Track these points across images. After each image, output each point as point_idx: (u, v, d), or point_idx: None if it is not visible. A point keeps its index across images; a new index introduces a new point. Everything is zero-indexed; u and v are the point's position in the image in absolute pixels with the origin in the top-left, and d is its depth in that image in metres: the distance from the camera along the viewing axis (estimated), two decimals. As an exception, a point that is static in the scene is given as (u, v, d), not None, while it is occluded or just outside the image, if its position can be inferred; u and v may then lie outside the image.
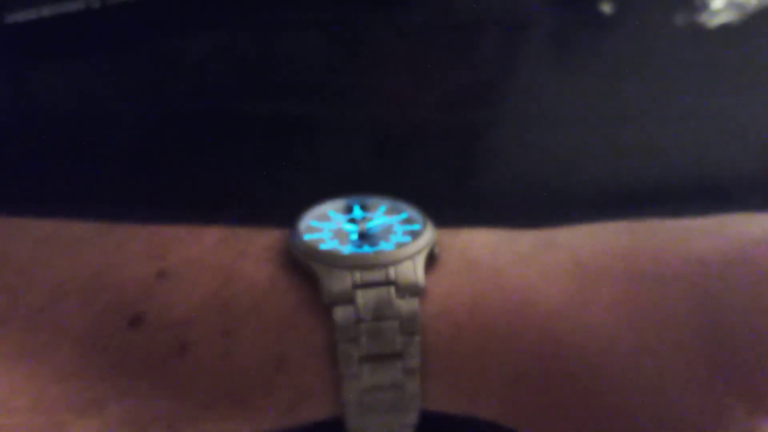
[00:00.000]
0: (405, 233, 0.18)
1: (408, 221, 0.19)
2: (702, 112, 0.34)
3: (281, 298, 0.17)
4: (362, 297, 0.16)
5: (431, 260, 0.18)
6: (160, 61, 0.33)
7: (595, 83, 0.34)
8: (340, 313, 0.16)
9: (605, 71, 0.34)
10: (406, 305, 0.16)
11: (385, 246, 0.18)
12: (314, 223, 0.18)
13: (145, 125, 0.32)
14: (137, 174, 0.31)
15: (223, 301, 0.17)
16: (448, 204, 0.24)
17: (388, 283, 0.17)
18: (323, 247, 0.18)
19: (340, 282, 0.17)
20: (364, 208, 0.19)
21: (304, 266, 0.17)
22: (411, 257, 0.17)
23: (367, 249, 0.18)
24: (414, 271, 0.17)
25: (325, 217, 0.19)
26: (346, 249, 0.18)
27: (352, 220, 0.19)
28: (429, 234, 0.18)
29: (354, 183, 0.24)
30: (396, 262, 0.17)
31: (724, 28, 0.35)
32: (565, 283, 0.18)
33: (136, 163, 0.31)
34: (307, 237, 0.18)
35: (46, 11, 0.33)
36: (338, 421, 0.17)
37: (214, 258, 0.18)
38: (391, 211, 0.19)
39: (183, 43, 0.33)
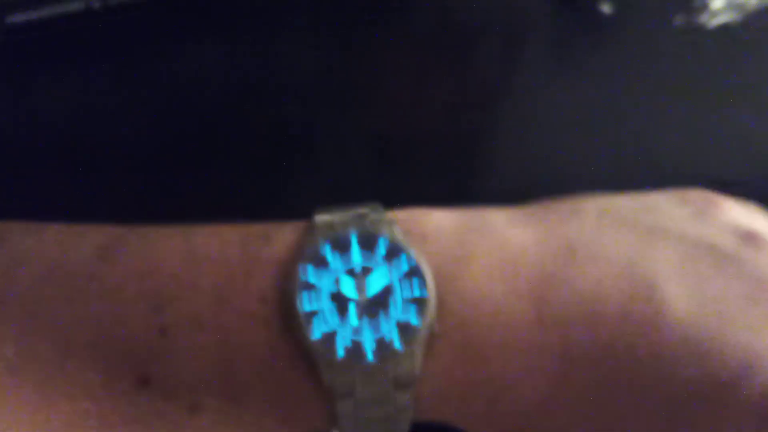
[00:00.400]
0: (407, 301, 0.18)
1: (410, 275, 0.18)
2: (701, 116, 0.34)
3: (282, 372, 0.18)
4: (361, 392, 0.17)
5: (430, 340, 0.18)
6: (160, 66, 0.33)
7: (594, 88, 0.34)
8: (340, 407, 0.17)
9: (604, 75, 0.34)
10: (401, 397, 0.18)
11: (384, 327, 0.18)
12: (312, 280, 0.18)
13: (143, 129, 0.32)
14: (135, 181, 0.31)
15: (227, 367, 0.17)
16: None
17: (387, 382, 0.17)
18: (323, 330, 0.17)
19: (341, 378, 0.17)
20: (363, 245, 0.18)
21: (304, 343, 0.17)
22: (411, 352, 0.17)
23: (368, 341, 0.17)
24: (412, 367, 0.17)
25: (323, 264, 0.18)
26: (346, 331, 0.17)
27: (351, 273, 0.18)
28: (431, 306, 0.17)
29: (354, 189, 0.24)
30: (398, 363, 0.17)
31: (724, 31, 0.35)
32: None
33: (132, 169, 0.31)
34: (306, 308, 0.17)
35: (46, 12, 0.33)
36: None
37: (212, 317, 0.18)
38: (391, 255, 0.18)
39: (183, 47, 0.33)
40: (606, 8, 0.36)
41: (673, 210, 0.20)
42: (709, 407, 0.17)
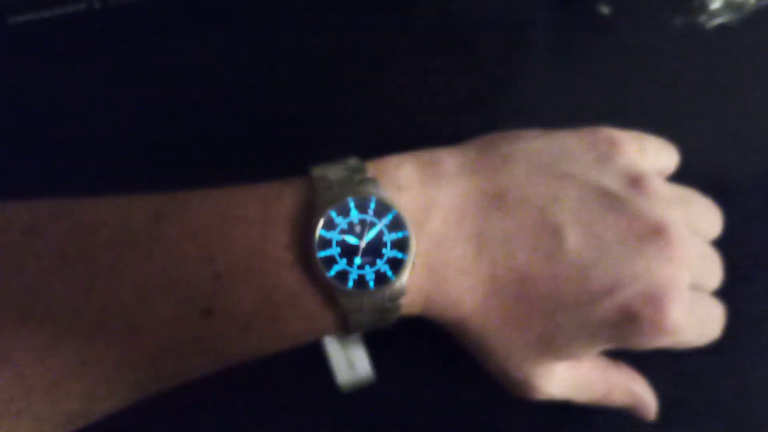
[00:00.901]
0: (394, 243, 0.24)
1: (394, 226, 0.24)
2: (699, 115, 0.34)
3: (308, 299, 0.24)
4: (366, 307, 0.24)
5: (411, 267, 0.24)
6: (161, 61, 0.33)
7: (594, 87, 0.34)
8: (352, 317, 0.24)
9: (603, 75, 0.34)
10: (392, 305, 0.24)
11: (380, 263, 0.24)
12: (323, 233, 0.24)
13: (145, 125, 0.32)
14: (134, 179, 0.31)
15: (267, 298, 0.23)
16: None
17: (384, 298, 0.24)
18: (337, 269, 0.24)
19: (352, 301, 0.24)
20: (358, 207, 0.24)
21: (323, 279, 0.23)
22: (400, 277, 0.24)
23: (368, 273, 0.24)
24: (401, 286, 0.24)
25: (331, 226, 0.24)
26: (353, 269, 0.24)
27: (352, 226, 0.24)
28: (412, 244, 0.24)
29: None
30: (390, 288, 0.24)
31: (722, 31, 0.35)
32: None
33: (132, 168, 0.31)
34: (322, 254, 0.23)
35: (48, 13, 0.33)
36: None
37: (252, 263, 0.23)
38: (379, 211, 0.24)
39: (184, 47, 0.33)
40: (605, 9, 0.36)
41: (582, 156, 0.26)
42: (583, 311, 0.25)
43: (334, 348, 0.29)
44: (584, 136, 0.27)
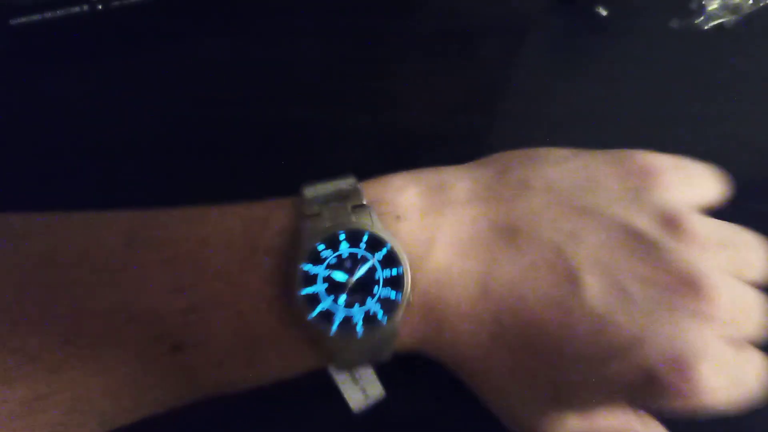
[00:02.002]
0: (387, 280, 0.22)
1: (388, 261, 0.22)
2: (698, 116, 0.34)
3: (288, 340, 0.22)
4: (352, 352, 0.22)
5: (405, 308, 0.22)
6: (163, 64, 0.33)
7: (593, 88, 0.34)
8: (337, 361, 0.23)
9: (602, 76, 0.35)
10: (384, 351, 0.22)
11: (370, 303, 0.22)
12: (307, 267, 0.21)
13: (146, 127, 0.32)
14: (141, 177, 0.31)
15: (243, 335, 0.21)
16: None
17: (373, 344, 0.22)
18: (320, 309, 0.21)
19: (336, 345, 0.22)
20: (349, 239, 0.22)
21: (304, 320, 0.21)
22: (392, 321, 0.22)
23: (356, 313, 0.22)
24: (393, 331, 0.22)
25: (318, 260, 0.22)
26: (339, 309, 0.21)
27: (341, 264, 0.22)
28: (407, 283, 0.22)
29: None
30: (381, 333, 0.22)
31: (720, 33, 0.35)
32: None
33: (138, 166, 0.31)
34: (304, 291, 0.21)
35: (50, 15, 0.33)
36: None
37: (229, 297, 0.21)
38: (372, 245, 0.22)
39: (185, 47, 0.33)
40: (603, 11, 0.36)
41: (611, 186, 0.23)
42: (598, 369, 0.21)
43: (341, 376, 0.27)
44: (616, 162, 0.23)
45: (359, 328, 0.21)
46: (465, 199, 0.23)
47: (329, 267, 0.21)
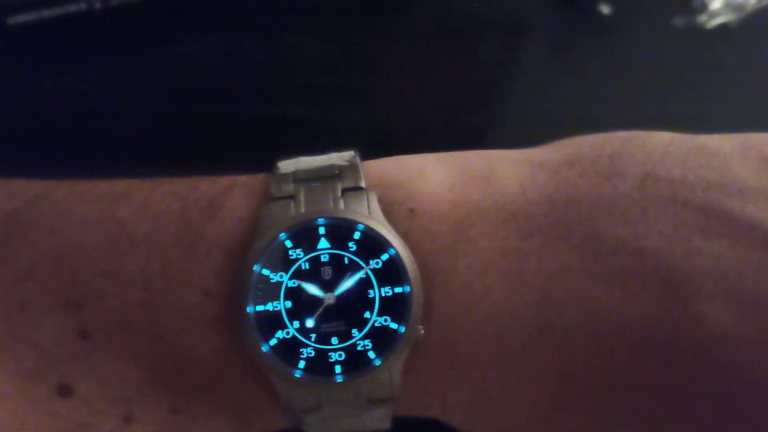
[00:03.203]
0: (385, 300, 0.14)
1: (389, 274, 0.14)
2: (699, 115, 0.34)
3: (234, 382, 0.14)
4: (329, 410, 0.14)
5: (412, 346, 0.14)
6: (161, 62, 0.33)
7: (594, 86, 0.34)
8: (303, 420, 0.14)
9: (603, 75, 0.34)
10: (377, 412, 0.15)
11: (357, 333, 0.14)
12: (265, 272, 0.14)
13: (145, 125, 0.32)
14: (139, 175, 0.31)
15: (164, 375, 0.14)
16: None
17: (360, 398, 0.14)
18: (280, 336, 0.14)
19: (301, 402, 0.14)
20: (331, 233, 0.14)
21: (255, 352, 0.14)
22: (389, 364, 0.14)
23: (335, 351, 0.14)
24: (389, 383, 0.14)
25: (280, 262, 0.14)
26: (308, 338, 0.14)
27: (316, 272, 0.14)
28: (415, 306, 0.14)
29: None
30: (371, 381, 0.14)
31: (723, 31, 0.35)
32: None
33: (137, 164, 0.31)
34: (259, 308, 0.14)
35: (48, 14, 0.33)
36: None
37: (143, 315, 0.14)
38: (366, 249, 0.14)
39: (184, 46, 0.33)
40: (605, 9, 0.36)
41: (743, 179, 0.15)
42: None
43: None
44: (749, 147, 0.16)
45: (338, 372, 0.14)
46: (518, 191, 0.15)
47: (298, 275, 0.14)
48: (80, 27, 0.33)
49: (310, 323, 0.14)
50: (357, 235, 0.14)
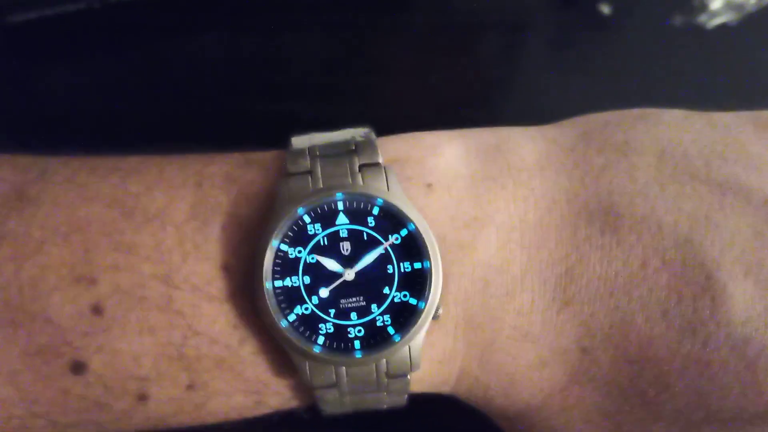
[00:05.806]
0: (405, 279, 0.14)
1: (409, 250, 0.14)
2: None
3: (250, 359, 0.14)
4: (347, 385, 0.14)
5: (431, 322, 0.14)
6: (161, 60, 0.33)
7: (594, 86, 0.34)
8: (321, 395, 0.14)
9: (603, 74, 0.34)
10: (396, 385, 0.15)
11: (375, 309, 0.14)
12: (283, 247, 0.14)
13: (144, 124, 0.32)
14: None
15: (179, 352, 0.14)
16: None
17: (379, 373, 0.14)
18: (299, 312, 0.14)
19: (320, 377, 0.14)
20: (350, 207, 0.14)
21: (273, 328, 0.14)
22: (408, 339, 0.14)
23: (354, 325, 0.14)
24: (408, 359, 0.14)
25: (299, 238, 0.14)
26: (327, 314, 0.14)
27: (334, 246, 0.14)
28: (435, 281, 0.14)
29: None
30: (390, 356, 0.14)
31: (723, 31, 0.35)
32: None
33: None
34: (277, 283, 0.14)
35: (47, 12, 0.33)
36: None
37: (158, 289, 0.14)
38: (385, 224, 0.14)
39: (183, 43, 0.33)
40: (605, 8, 0.36)
41: (761, 154, 0.15)
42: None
43: None
44: (764, 123, 0.16)
45: (357, 347, 0.14)
46: (535, 167, 0.15)
47: (316, 250, 0.14)
48: (80, 25, 0.33)
49: (325, 293, 0.14)
50: (376, 211, 0.14)
